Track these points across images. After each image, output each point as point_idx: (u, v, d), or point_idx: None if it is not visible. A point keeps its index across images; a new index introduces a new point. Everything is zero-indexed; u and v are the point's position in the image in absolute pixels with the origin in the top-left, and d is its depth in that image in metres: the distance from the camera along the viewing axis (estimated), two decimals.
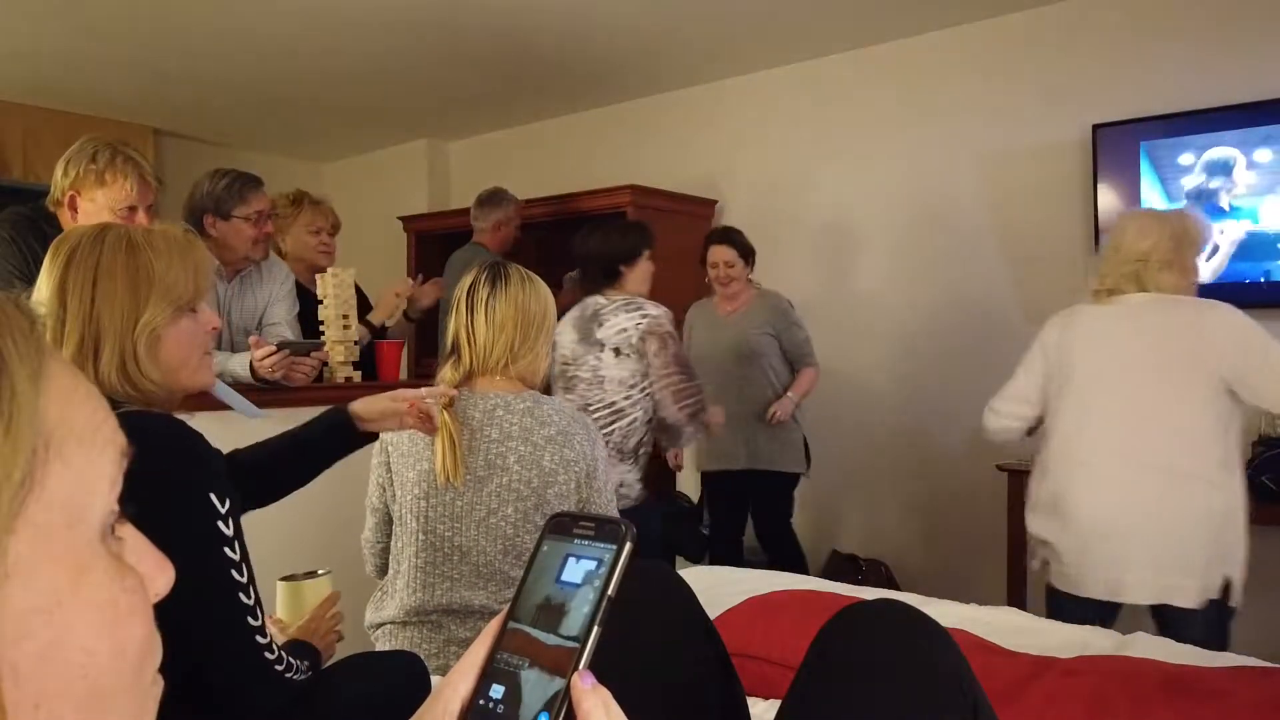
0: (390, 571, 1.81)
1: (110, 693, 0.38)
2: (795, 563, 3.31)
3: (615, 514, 1.87)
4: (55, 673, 0.35)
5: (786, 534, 3.42)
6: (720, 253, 3.34)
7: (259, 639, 1.13)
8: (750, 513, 3.48)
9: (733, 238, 3.35)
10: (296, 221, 3.11)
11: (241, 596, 1.11)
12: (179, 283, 1.17)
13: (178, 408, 1.22)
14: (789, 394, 3.27)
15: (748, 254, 3.35)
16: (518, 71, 4.19)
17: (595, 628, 0.52)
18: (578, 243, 2.86)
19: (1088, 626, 1.86)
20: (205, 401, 1.69)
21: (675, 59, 4.06)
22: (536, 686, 0.52)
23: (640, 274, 2.77)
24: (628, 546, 0.54)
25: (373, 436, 1.60)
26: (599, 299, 2.75)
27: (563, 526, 0.57)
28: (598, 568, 0.54)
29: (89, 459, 0.38)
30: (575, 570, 0.55)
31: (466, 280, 1.80)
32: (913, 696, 0.93)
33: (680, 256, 4.12)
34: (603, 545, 0.55)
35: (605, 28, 3.65)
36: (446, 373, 1.79)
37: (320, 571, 1.55)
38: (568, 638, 0.53)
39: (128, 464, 0.41)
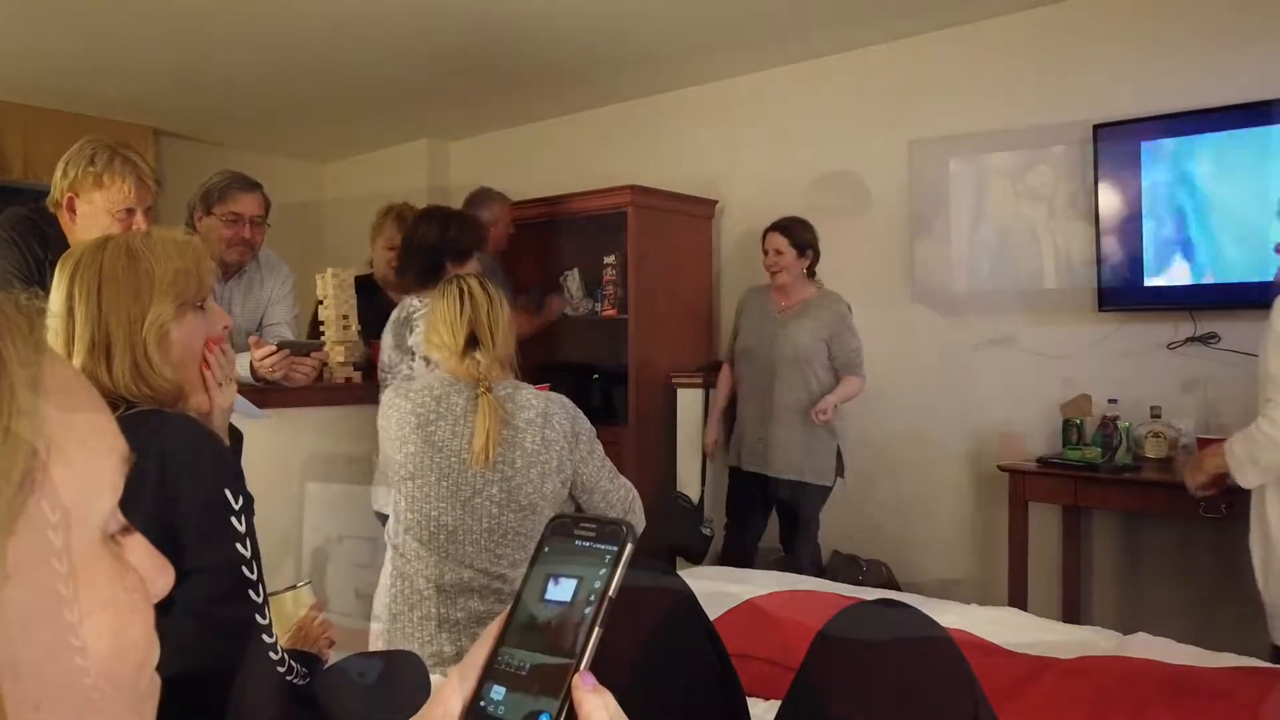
0: (388, 552, 1.88)
1: (110, 693, 0.38)
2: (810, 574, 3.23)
3: (615, 476, 1.92)
4: (55, 673, 0.35)
5: (809, 547, 3.31)
6: (772, 240, 3.27)
7: (265, 638, 1.14)
8: (777, 517, 3.41)
9: (788, 227, 3.26)
10: (381, 234, 3.28)
11: (250, 593, 1.12)
12: (179, 279, 1.20)
13: (189, 407, 1.23)
14: (830, 396, 3.15)
15: (803, 247, 3.24)
16: (518, 71, 4.19)
17: (595, 628, 0.52)
18: (410, 227, 2.60)
19: (1088, 627, 1.86)
20: None
21: (675, 59, 4.06)
22: (537, 687, 0.52)
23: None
24: (628, 547, 0.54)
25: None
26: (414, 301, 2.45)
27: (564, 528, 0.57)
28: (598, 569, 0.54)
29: (90, 461, 0.38)
30: (573, 572, 0.55)
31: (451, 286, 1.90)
32: (913, 696, 0.93)
33: (680, 256, 4.13)
34: (603, 546, 0.55)
35: (606, 28, 3.65)
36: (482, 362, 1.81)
37: (299, 583, 1.56)
38: (568, 640, 0.53)
39: (139, 462, 0.41)
